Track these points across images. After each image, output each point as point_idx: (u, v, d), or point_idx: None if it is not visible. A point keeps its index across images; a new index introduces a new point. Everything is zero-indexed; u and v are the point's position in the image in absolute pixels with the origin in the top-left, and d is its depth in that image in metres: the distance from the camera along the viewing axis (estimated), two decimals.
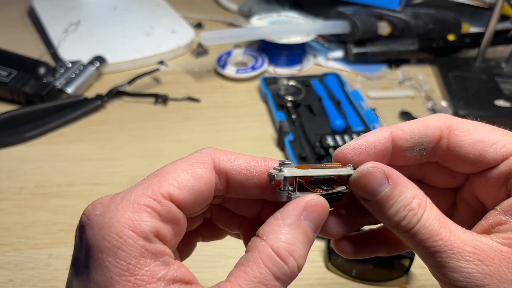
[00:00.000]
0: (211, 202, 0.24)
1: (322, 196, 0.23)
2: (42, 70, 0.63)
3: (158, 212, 0.20)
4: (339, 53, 0.74)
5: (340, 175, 0.24)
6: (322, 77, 0.66)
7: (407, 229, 0.22)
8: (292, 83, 0.65)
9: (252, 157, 0.24)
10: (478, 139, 0.23)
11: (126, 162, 0.53)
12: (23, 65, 0.63)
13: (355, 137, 0.53)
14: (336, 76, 0.67)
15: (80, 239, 0.20)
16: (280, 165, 0.22)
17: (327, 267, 0.43)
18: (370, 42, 0.72)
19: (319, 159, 0.52)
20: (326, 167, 0.24)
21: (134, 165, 0.53)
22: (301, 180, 0.24)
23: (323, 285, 0.41)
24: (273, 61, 0.71)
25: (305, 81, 0.66)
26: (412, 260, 0.40)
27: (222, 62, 0.70)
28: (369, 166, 0.23)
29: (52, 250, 0.43)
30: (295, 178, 0.22)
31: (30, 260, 0.42)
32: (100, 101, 0.61)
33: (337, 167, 0.24)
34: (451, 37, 0.73)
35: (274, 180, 0.22)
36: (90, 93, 0.64)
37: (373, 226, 0.27)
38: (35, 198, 0.48)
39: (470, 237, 0.22)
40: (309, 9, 0.84)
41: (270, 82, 0.65)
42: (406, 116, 0.61)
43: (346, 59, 0.73)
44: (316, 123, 0.58)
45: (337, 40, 0.76)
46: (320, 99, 0.62)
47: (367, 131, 0.55)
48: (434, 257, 0.21)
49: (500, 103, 0.63)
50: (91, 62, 0.66)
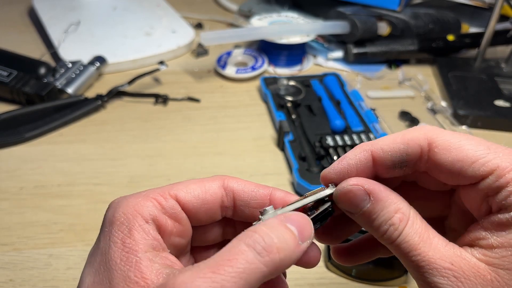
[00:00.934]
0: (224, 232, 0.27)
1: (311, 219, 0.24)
2: (43, 70, 0.63)
3: (162, 205, 0.24)
4: (339, 53, 0.74)
5: (320, 199, 0.25)
6: (322, 77, 0.67)
7: (389, 242, 0.23)
8: (292, 83, 0.65)
9: (257, 184, 0.26)
10: (458, 158, 0.23)
11: (126, 162, 0.53)
12: (24, 65, 0.63)
13: (356, 137, 0.53)
14: (336, 76, 0.67)
15: (102, 225, 0.24)
16: (261, 213, 0.24)
17: (327, 267, 0.43)
18: (370, 42, 0.72)
19: (319, 159, 0.52)
20: (306, 197, 0.25)
21: (134, 165, 0.53)
22: None
23: (323, 285, 0.41)
24: (273, 61, 0.71)
25: (305, 81, 0.66)
26: None
27: (222, 62, 0.70)
28: (350, 184, 0.24)
29: (53, 250, 0.43)
30: None
31: (31, 260, 0.42)
32: (100, 101, 0.61)
33: (318, 192, 0.25)
34: (451, 37, 0.73)
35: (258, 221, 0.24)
36: (90, 93, 0.64)
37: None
38: (35, 198, 0.48)
39: (450, 252, 0.22)
40: (309, 9, 0.84)
41: (270, 82, 0.65)
42: (406, 116, 0.61)
43: (346, 59, 0.73)
44: (316, 123, 0.58)
45: (337, 40, 0.76)
46: (320, 99, 0.62)
47: (367, 131, 0.56)
48: (415, 271, 0.22)
49: (500, 103, 0.63)
50: (91, 62, 0.66)
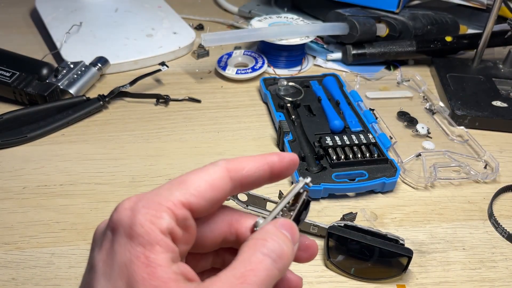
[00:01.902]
0: (223, 246, 0.27)
1: (293, 216, 0.26)
2: (45, 71, 0.64)
3: (176, 216, 0.23)
4: (338, 54, 0.74)
5: (296, 193, 0.27)
6: (321, 78, 0.67)
7: None
8: (292, 84, 0.66)
9: (255, 159, 0.26)
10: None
11: (128, 162, 0.54)
12: (26, 66, 0.64)
13: (354, 137, 0.54)
14: (335, 77, 0.67)
15: (108, 229, 0.23)
16: (255, 226, 0.26)
17: (326, 265, 0.43)
18: (369, 44, 0.72)
19: (318, 159, 0.53)
20: (285, 196, 0.27)
21: (136, 165, 0.54)
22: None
23: (322, 283, 0.42)
24: (273, 62, 0.72)
25: (305, 82, 0.66)
26: (410, 259, 0.41)
27: (223, 63, 0.71)
28: None
29: (55, 249, 0.43)
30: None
31: (33, 259, 0.43)
32: (102, 102, 0.62)
33: (293, 188, 0.27)
34: (449, 38, 0.73)
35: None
36: (92, 94, 0.64)
37: None
38: (38, 198, 0.49)
39: None
40: (309, 11, 0.85)
41: (270, 83, 0.66)
42: (404, 117, 0.62)
43: (345, 60, 0.74)
44: (315, 123, 0.58)
45: (336, 42, 0.77)
46: (319, 100, 0.62)
47: (366, 131, 0.56)
48: None
49: (498, 104, 0.63)
50: (93, 63, 0.67)
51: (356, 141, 0.53)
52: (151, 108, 0.63)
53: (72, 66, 0.65)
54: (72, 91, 0.63)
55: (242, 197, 0.46)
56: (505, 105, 0.63)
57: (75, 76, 0.64)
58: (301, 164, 0.51)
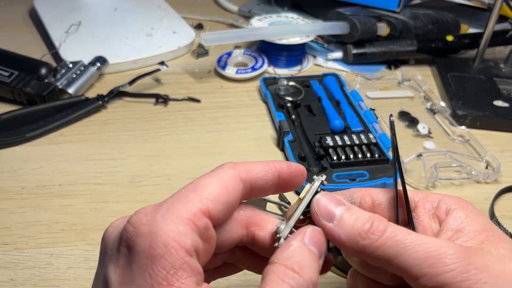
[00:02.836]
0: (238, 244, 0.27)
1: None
2: (44, 71, 0.64)
3: (198, 228, 0.22)
4: (339, 54, 0.74)
5: (315, 193, 0.27)
6: (322, 78, 0.67)
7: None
8: (292, 84, 0.65)
9: (263, 163, 0.26)
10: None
11: (127, 162, 0.54)
12: (25, 66, 0.64)
13: (355, 137, 0.53)
14: (336, 77, 0.67)
15: (122, 244, 0.22)
16: (276, 232, 0.25)
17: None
18: (369, 43, 0.72)
19: (319, 159, 0.52)
20: (302, 198, 0.26)
21: (135, 165, 0.53)
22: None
23: (322, 284, 0.42)
24: (273, 62, 0.72)
25: (305, 82, 0.66)
26: None
27: (222, 63, 0.71)
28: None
29: (54, 250, 0.43)
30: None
31: (32, 259, 0.42)
32: (101, 102, 0.62)
33: (309, 189, 0.27)
34: (450, 38, 0.73)
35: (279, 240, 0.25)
36: (91, 94, 0.64)
37: None
38: (37, 198, 0.49)
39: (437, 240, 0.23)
40: (309, 10, 0.85)
41: (270, 83, 0.65)
42: (405, 116, 0.62)
43: (345, 60, 0.74)
44: (316, 123, 0.58)
45: (337, 41, 0.77)
46: (320, 100, 0.62)
47: (367, 131, 0.56)
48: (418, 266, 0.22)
49: (499, 104, 0.63)
50: (92, 63, 0.67)
51: (357, 141, 0.53)
52: (151, 108, 0.63)
53: (71, 66, 0.65)
54: (71, 91, 0.63)
55: None
56: (507, 105, 0.63)
57: (74, 76, 0.64)
58: (301, 164, 0.51)
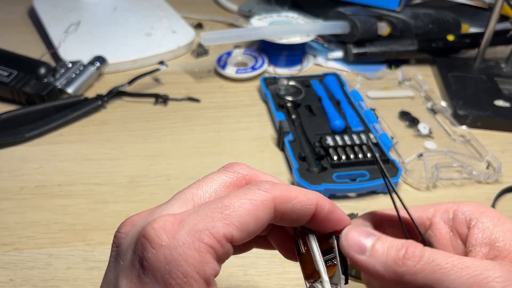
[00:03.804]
0: None
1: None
2: (43, 70, 0.63)
3: (218, 255, 0.21)
4: (339, 54, 0.74)
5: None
6: (322, 77, 0.67)
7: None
8: (292, 83, 0.65)
9: (304, 193, 0.24)
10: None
11: (127, 162, 0.53)
12: (24, 65, 0.63)
13: (355, 137, 0.53)
14: (336, 76, 0.67)
15: (137, 259, 0.21)
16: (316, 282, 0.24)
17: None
18: (370, 43, 0.72)
19: (319, 159, 0.52)
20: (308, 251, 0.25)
21: (135, 165, 0.53)
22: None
23: None
24: (273, 62, 0.72)
25: (305, 81, 0.66)
26: None
27: (222, 63, 0.70)
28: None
29: (53, 250, 0.43)
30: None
31: (31, 260, 0.42)
32: (101, 101, 0.61)
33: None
34: (451, 38, 0.73)
35: None
36: (91, 93, 0.64)
37: None
38: (36, 198, 0.48)
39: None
40: (309, 10, 0.84)
41: (270, 82, 0.65)
42: (406, 116, 0.61)
43: (346, 60, 0.73)
44: (316, 123, 0.58)
45: (337, 41, 0.76)
46: (320, 99, 0.62)
47: (367, 131, 0.56)
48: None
49: (500, 103, 0.63)
50: (92, 62, 0.66)
51: (357, 141, 0.53)
52: (150, 108, 0.63)
53: (70, 66, 0.65)
54: (70, 91, 0.62)
55: None
56: (508, 105, 0.63)
57: (73, 76, 0.64)
58: (302, 165, 0.51)
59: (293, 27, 0.71)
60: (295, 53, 0.72)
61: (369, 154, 0.52)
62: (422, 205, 0.28)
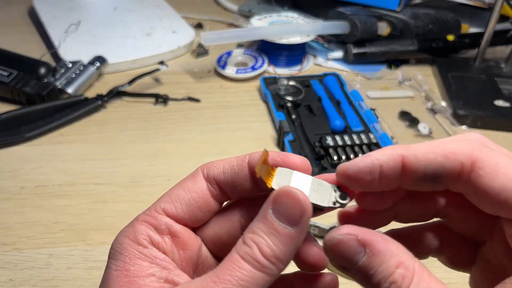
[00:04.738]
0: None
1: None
2: (43, 70, 0.63)
3: (153, 225, 0.23)
4: (339, 54, 0.74)
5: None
6: (322, 77, 0.67)
7: None
8: (292, 83, 0.65)
9: (235, 157, 0.25)
10: (506, 187, 0.19)
11: (127, 162, 0.53)
12: (24, 65, 0.63)
13: (356, 137, 0.53)
14: (336, 76, 0.67)
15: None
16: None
17: (327, 267, 0.43)
18: (370, 43, 0.72)
19: (319, 159, 0.52)
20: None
21: (135, 165, 0.53)
22: None
23: None
24: (273, 62, 0.72)
25: (305, 81, 0.66)
26: None
27: (222, 63, 0.70)
28: (341, 234, 0.21)
29: (53, 250, 0.43)
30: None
31: (31, 260, 0.42)
32: (101, 101, 0.61)
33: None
34: (451, 38, 0.73)
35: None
36: (91, 93, 0.64)
37: None
38: (36, 198, 0.48)
39: None
40: (309, 10, 0.84)
41: (270, 82, 0.65)
42: (406, 116, 0.61)
43: (346, 60, 0.73)
44: (316, 123, 0.58)
45: (337, 41, 0.76)
46: (320, 99, 0.62)
47: (367, 131, 0.56)
48: None
49: (500, 103, 0.63)
50: (92, 62, 0.66)
51: (357, 141, 0.53)
52: (150, 108, 0.63)
53: (70, 66, 0.65)
54: (70, 91, 0.62)
55: None
56: (507, 105, 0.63)
57: (73, 76, 0.64)
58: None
59: (293, 27, 0.71)
60: (295, 53, 0.72)
61: None
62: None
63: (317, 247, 0.23)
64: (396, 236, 0.21)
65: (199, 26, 0.84)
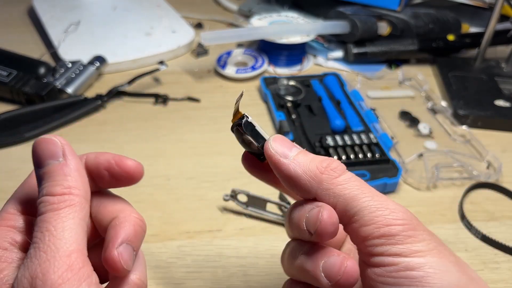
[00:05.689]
0: None
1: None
2: (42, 70, 0.63)
3: (11, 226, 0.26)
4: (339, 53, 0.74)
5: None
6: (322, 77, 0.67)
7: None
8: (292, 83, 0.65)
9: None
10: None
11: None
12: (23, 65, 0.63)
13: (356, 137, 0.53)
14: (336, 76, 0.67)
15: None
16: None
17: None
18: (370, 42, 0.72)
19: None
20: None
21: None
22: None
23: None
24: (273, 61, 0.71)
25: (305, 81, 0.66)
26: None
27: (222, 62, 0.70)
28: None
29: None
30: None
31: None
32: (100, 101, 0.61)
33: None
34: (451, 37, 0.73)
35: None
36: (90, 93, 0.64)
37: None
38: None
39: None
40: (309, 9, 0.84)
41: (270, 82, 0.65)
42: (406, 116, 0.61)
43: (346, 59, 0.73)
44: (316, 123, 0.58)
45: (337, 40, 0.76)
46: (320, 99, 0.62)
47: (367, 131, 0.56)
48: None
49: (500, 103, 0.63)
50: (91, 62, 0.66)
51: (358, 141, 0.53)
52: (150, 108, 0.63)
53: (70, 65, 0.65)
54: (70, 91, 0.62)
55: (242, 198, 0.46)
56: (508, 105, 0.62)
57: (73, 76, 0.64)
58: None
59: (293, 27, 0.71)
60: (295, 53, 0.72)
61: (369, 154, 0.52)
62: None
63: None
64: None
65: (199, 26, 0.84)
